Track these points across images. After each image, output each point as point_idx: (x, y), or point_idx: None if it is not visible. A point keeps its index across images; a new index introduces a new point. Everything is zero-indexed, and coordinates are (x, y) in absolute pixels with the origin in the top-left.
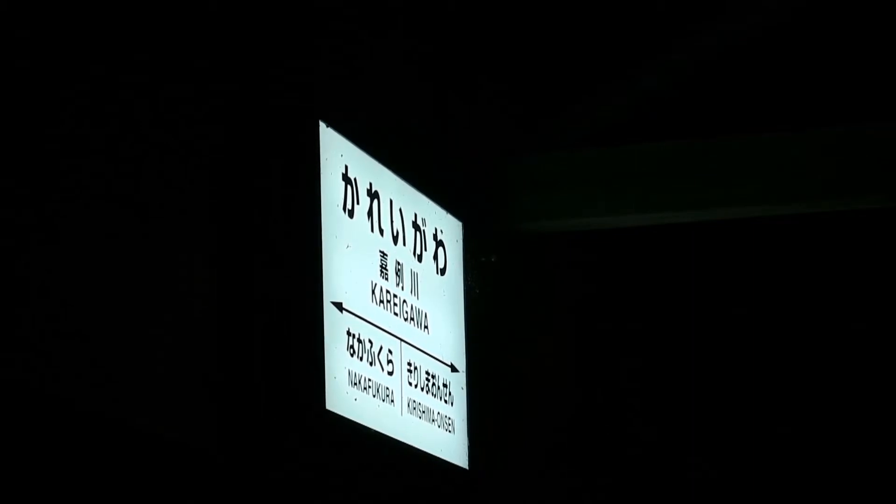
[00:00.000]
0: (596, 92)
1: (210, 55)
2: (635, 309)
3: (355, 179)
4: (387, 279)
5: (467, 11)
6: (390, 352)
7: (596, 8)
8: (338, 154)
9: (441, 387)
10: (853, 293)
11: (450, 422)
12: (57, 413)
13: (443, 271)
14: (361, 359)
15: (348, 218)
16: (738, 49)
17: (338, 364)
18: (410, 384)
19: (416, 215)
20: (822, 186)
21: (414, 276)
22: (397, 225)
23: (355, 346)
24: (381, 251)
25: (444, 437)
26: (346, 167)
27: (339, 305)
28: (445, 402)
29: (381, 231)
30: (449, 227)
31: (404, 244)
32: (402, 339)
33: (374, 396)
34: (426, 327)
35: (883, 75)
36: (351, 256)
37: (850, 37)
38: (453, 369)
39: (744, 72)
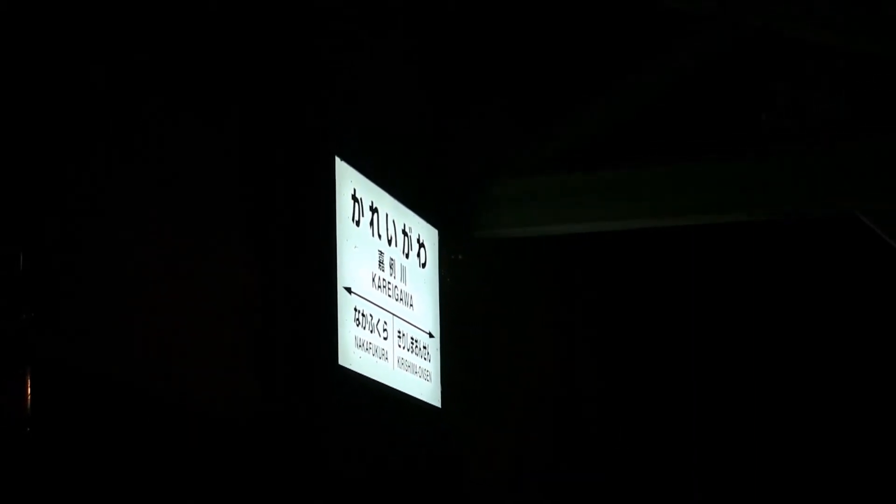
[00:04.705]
0: (546, 129)
1: (257, 104)
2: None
3: (361, 199)
4: (383, 271)
5: (448, 70)
6: (385, 323)
7: (551, 55)
8: (348, 181)
9: (422, 348)
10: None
11: (428, 374)
12: (117, 393)
13: (424, 265)
14: (364, 328)
15: (356, 226)
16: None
17: (347, 332)
18: (400, 346)
19: (405, 225)
20: (730, 201)
21: (403, 268)
22: (391, 232)
23: (360, 318)
24: (379, 250)
25: (424, 385)
26: (355, 190)
27: (348, 289)
28: (425, 359)
29: (380, 236)
30: (428, 234)
31: (396, 245)
32: (394, 314)
33: (373, 355)
34: (411, 305)
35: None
36: (357, 254)
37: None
38: (430, 336)
39: (674, 106)
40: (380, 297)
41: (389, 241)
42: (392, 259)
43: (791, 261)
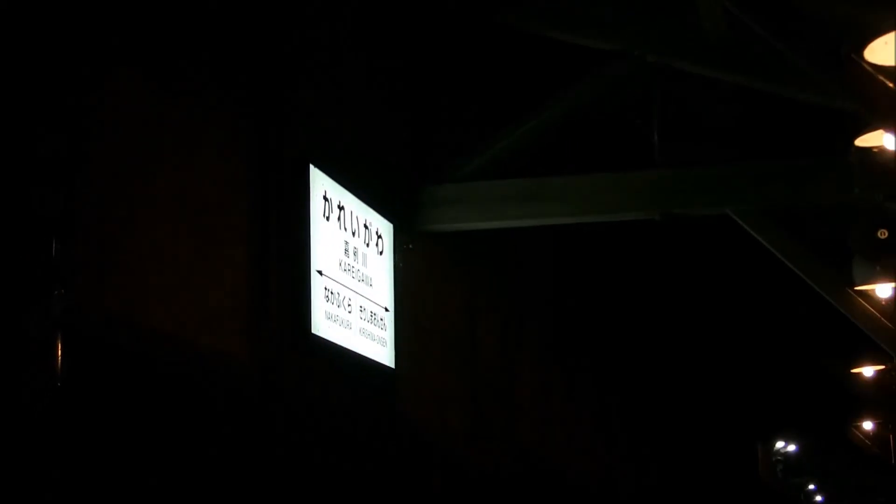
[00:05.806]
0: (479, 145)
1: (252, 124)
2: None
3: (330, 199)
4: (348, 257)
5: (405, 94)
6: (350, 299)
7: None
8: (320, 184)
9: (379, 320)
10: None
11: (384, 340)
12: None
13: (381, 253)
14: (333, 303)
15: (326, 221)
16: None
17: (319, 306)
18: (361, 318)
19: (366, 220)
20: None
21: (364, 255)
22: (355, 225)
23: (329, 296)
24: (345, 241)
25: (380, 349)
26: (325, 191)
27: (320, 272)
28: (382, 329)
29: (345, 229)
30: (385, 227)
31: (359, 236)
32: (356, 292)
33: (340, 325)
34: (371, 285)
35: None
36: (328, 243)
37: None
38: (386, 310)
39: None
40: (345, 278)
41: (353, 233)
42: (355, 247)
43: (673, 253)
